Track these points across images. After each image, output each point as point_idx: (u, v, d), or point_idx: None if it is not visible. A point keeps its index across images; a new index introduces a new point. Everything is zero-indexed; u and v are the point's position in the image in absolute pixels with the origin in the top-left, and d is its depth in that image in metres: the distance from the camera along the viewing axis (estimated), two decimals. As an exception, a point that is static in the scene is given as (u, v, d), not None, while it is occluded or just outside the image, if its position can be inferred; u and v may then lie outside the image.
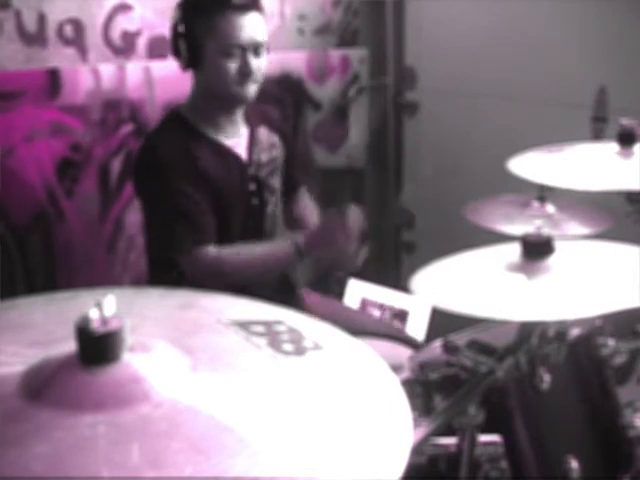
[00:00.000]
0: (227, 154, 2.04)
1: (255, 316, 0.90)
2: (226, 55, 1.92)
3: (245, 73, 1.94)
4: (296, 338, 0.85)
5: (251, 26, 1.93)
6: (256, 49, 1.95)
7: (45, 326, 0.83)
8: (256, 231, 2.09)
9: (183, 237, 1.91)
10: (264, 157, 2.12)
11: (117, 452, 0.64)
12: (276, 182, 2.15)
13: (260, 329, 0.86)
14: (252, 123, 2.11)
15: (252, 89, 1.98)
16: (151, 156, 1.99)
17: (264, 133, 2.15)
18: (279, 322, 0.88)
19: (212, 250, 1.93)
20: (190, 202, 1.93)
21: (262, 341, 0.83)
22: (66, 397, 0.68)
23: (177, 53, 1.98)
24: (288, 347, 0.82)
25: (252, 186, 2.08)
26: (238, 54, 1.92)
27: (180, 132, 2.00)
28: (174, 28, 1.97)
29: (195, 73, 2.01)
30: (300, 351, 0.82)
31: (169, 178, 1.93)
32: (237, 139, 2.07)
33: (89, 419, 0.66)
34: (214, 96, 1.99)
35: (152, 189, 1.99)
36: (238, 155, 2.06)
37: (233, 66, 1.93)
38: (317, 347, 0.83)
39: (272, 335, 0.84)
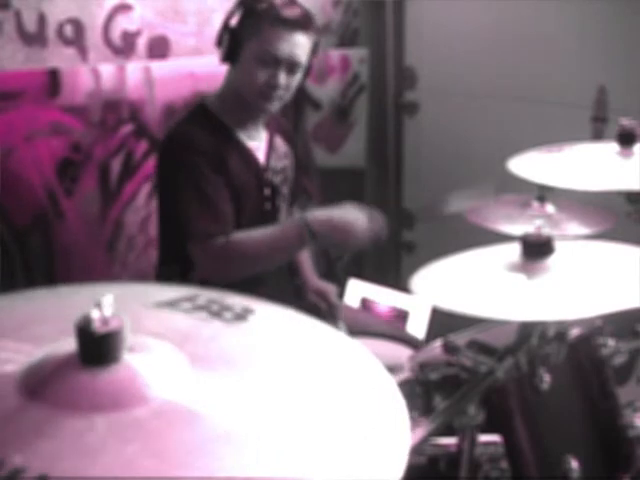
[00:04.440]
0: (248, 155, 2.05)
1: (170, 295, 0.87)
2: (260, 62, 1.92)
3: (271, 85, 1.93)
4: (224, 306, 0.83)
5: (294, 44, 1.92)
6: (291, 67, 1.94)
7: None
8: None
9: (198, 221, 1.89)
10: (279, 164, 2.13)
11: (117, 452, 0.64)
12: (286, 191, 2.17)
13: (187, 305, 0.84)
14: (271, 130, 2.13)
15: (275, 106, 1.99)
16: (178, 142, 1.98)
17: (279, 142, 2.16)
18: (196, 295, 0.87)
19: (221, 238, 1.90)
20: (212, 188, 1.92)
21: (203, 314, 0.81)
22: (65, 397, 0.68)
23: (219, 43, 1.98)
24: (228, 315, 0.81)
25: (267, 191, 2.09)
26: (271, 65, 1.92)
27: (206, 124, 1.99)
28: (226, 19, 1.98)
29: (230, 69, 2.01)
30: (241, 317, 0.81)
31: (195, 163, 1.91)
32: (258, 142, 2.09)
33: (88, 419, 0.66)
34: (241, 97, 2.00)
35: (177, 173, 1.95)
36: (257, 158, 2.07)
37: (262, 75, 1.92)
38: (249, 311, 0.83)
39: (203, 307, 0.83)
